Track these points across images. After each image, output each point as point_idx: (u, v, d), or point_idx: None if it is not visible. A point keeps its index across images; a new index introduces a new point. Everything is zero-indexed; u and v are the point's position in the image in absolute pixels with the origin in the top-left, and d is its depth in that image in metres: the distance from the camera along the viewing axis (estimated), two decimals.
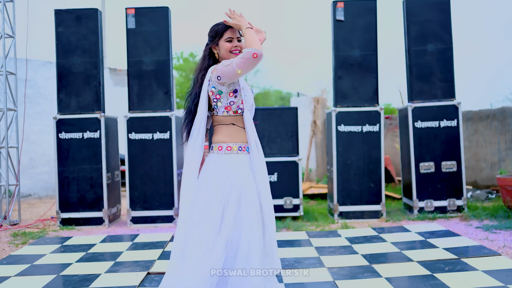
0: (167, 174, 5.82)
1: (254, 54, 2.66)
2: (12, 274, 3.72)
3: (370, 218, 5.78)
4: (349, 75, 5.85)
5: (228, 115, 2.87)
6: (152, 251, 4.34)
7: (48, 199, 8.58)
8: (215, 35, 2.89)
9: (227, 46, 2.85)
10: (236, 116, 2.89)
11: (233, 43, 2.86)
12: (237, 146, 2.87)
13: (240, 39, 2.92)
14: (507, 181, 5.40)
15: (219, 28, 2.88)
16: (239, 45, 2.88)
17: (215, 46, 2.91)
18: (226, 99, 2.84)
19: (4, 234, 5.34)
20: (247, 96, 2.90)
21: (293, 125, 6.00)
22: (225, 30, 2.87)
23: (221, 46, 2.87)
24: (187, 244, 2.81)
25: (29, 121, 8.42)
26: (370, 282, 3.33)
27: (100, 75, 5.90)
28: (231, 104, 2.85)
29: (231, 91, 2.84)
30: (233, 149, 2.86)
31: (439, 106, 5.76)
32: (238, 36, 2.91)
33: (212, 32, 2.91)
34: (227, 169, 2.82)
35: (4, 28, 6.11)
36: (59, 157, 5.84)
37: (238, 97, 2.85)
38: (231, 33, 2.87)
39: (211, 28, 2.93)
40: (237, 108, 2.87)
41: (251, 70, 2.76)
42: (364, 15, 5.83)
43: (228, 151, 2.85)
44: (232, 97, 2.84)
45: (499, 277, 3.25)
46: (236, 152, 2.87)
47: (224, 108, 2.86)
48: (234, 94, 2.84)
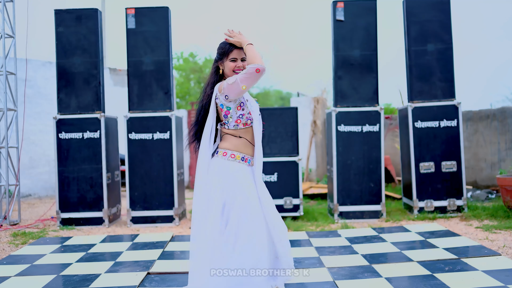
0: (167, 174, 5.82)
1: (257, 70, 2.84)
2: (12, 274, 3.72)
3: (370, 218, 5.78)
4: (349, 75, 5.85)
5: (239, 128, 3.08)
6: (152, 251, 4.34)
7: (48, 199, 8.59)
8: (222, 53, 3.08)
9: (230, 65, 3.06)
10: (246, 128, 3.10)
11: (237, 63, 3.06)
12: (241, 156, 3.08)
13: (245, 59, 3.09)
14: (507, 181, 5.40)
15: (226, 47, 3.08)
16: (242, 65, 3.07)
17: (221, 63, 3.11)
18: (235, 114, 3.04)
19: (4, 234, 5.34)
20: (253, 106, 3.10)
21: (293, 125, 6.00)
22: (231, 51, 3.06)
23: (226, 65, 3.08)
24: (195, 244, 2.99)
25: (29, 121, 8.42)
26: (370, 282, 3.33)
27: (100, 75, 5.90)
28: (241, 117, 3.06)
29: (238, 105, 3.04)
30: (236, 157, 3.06)
31: (439, 106, 5.76)
32: (243, 56, 3.08)
33: (220, 50, 3.11)
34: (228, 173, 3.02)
35: (4, 28, 6.11)
36: (59, 157, 5.83)
37: (245, 109, 3.06)
38: (236, 53, 3.06)
39: (220, 46, 3.12)
40: (246, 120, 3.08)
41: (255, 84, 2.96)
42: (364, 15, 5.82)
43: (231, 158, 3.05)
44: (240, 110, 3.05)
45: (499, 277, 3.25)
46: (239, 161, 3.07)
47: (235, 122, 3.06)
48: (241, 107, 3.05)
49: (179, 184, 6.00)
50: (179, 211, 5.94)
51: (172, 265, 3.87)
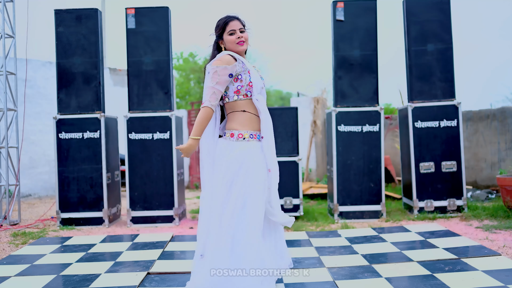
0: (167, 174, 5.82)
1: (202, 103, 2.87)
2: (12, 274, 3.72)
3: (370, 218, 5.78)
4: (349, 75, 5.85)
5: (239, 99, 2.96)
6: (152, 251, 4.34)
7: (48, 199, 8.59)
8: (218, 29, 3.01)
9: (230, 39, 2.97)
10: (247, 100, 2.98)
11: (236, 35, 2.97)
12: (249, 134, 2.97)
13: (243, 29, 3.01)
14: (507, 181, 5.40)
15: (221, 22, 3.00)
16: (242, 35, 2.98)
17: (221, 41, 3.03)
18: (232, 85, 2.95)
19: (4, 234, 5.34)
20: (255, 78, 2.98)
21: (293, 125, 6.00)
22: (227, 24, 2.97)
23: (226, 40, 2.99)
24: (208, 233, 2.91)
25: (29, 121, 8.42)
26: (370, 282, 3.33)
27: (100, 75, 5.90)
28: (239, 88, 2.95)
29: (236, 76, 2.94)
30: (244, 136, 2.95)
31: (439, 106, 5.76)
32: (241, 27, 3.00)
33: (216, 28, 3.03)
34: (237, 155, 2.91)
35: (4, 28, 6.11)
36: (59, 157, 5.83)
37: (244, 80, 2.95)
38: (233, 25, 2.97)
39: (216, 24, 3.04)
40: (246, 91, 2.96)
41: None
42: (364, 15, 5.82)
43: (239, 138, 2.95)
44: (238, 82, 2.95)
45: (499, 277, 3.25)
46: (248, 140, 2.96)
47: (234, 92, 2.96)
48: (238, 79, 2.94)
49: (179, 184, 6.00)
50: (179, 211, 5.94)
51: (172, 265, 3.88)
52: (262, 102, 2.99)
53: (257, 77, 3.01)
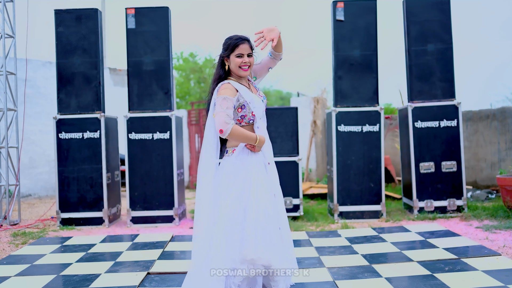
0: (167, 174, 5.82)
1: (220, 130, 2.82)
2: (12, 274, 3.72)
3: (370, 218, 5.78)
4: (349, 75, 5.85)
5: (241, 125, 2.98)
6: (152, 251, 4.34)
7: (48, 199, 8.58)
8: (227, 48, 2.96)
9: (237, 61, 2.94)
10: (249, 125, 3.01)
11: (243, 59, 2.94)
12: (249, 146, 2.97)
13: (251, 54, 2.98)
14: (507, 181, 5.40)
15: (231, 42, 2.95)
16: (248, 61, 2.96)
17: (227, 59, 2.99)
18: (236, 115, 2.95)
19: (4, 234, 5.34)
20: (257, 107, 2.99)
21: (293, 125, 6.00)
22: (237, 46, 2.93)
23: (232, 60, 2.96)
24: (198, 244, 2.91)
25: (29, 121, 8.41)
26: (370, 282, 3.33)
27: (100, 75, 5.90)
28: (242, 117, 2.97)
29: (239, 107, 2.94)
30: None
31: (439, 106, 5.76)
32: (250, 52, 2.97)
33: (225, 45, 2.99)
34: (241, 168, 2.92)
35: (4, 28, 6.11)
36: (59, 157, 5.83)
37: (247, 110, 2.96)
38: (243, 48, 2.93)
39: (225, 40, 3.01)
40: (248, 120, 2.99)
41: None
42: (364, 15, 5.82)
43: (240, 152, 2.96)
44: (241, 112, 2.95)
45: (499, 277, 3.25)
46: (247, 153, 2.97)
47: (237, 120, 2.97)
48: (242, 109, 2.95)
49: (179, 184, 6.00)
50: (179, 211, 5.94)
51: (172, 265, 3.88)
52: (263, 130, 3.03)
53: (258, 104, 3.00)
